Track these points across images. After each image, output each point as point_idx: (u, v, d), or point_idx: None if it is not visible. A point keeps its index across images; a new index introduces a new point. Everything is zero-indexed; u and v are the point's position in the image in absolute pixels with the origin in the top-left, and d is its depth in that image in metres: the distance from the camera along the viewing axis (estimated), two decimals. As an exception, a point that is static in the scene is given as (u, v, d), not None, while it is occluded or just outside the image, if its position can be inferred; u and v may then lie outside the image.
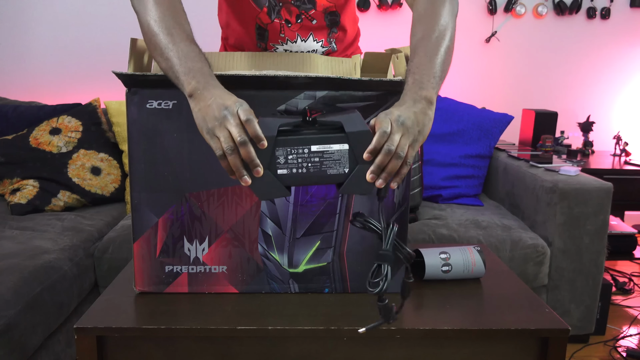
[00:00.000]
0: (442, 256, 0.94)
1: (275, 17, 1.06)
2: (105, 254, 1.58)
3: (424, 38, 0.81)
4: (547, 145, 2.27)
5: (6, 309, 1.16)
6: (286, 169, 0.70)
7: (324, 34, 1.11)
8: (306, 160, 0.70)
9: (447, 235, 1.65)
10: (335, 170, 0.71)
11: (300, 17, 1.06)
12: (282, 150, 0.69)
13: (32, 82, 2.50)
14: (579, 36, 2.66)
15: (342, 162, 0.70)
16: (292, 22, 1.07)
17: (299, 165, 0.70)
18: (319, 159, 0.70)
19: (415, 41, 0.82)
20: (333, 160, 0.70)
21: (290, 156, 0.69)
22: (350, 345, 0.80)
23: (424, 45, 0.80)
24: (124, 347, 0.79)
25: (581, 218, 1.63)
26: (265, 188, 0.70)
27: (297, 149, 0.69)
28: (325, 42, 1.12)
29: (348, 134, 0.70)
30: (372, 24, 2.57)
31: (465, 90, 2.66)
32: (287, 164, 0.69)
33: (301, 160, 0.70)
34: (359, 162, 0.70)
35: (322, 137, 0.70)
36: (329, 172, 0.71)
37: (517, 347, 0.81)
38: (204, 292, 0.88)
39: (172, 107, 0.82)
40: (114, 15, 2.46)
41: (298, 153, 0.69)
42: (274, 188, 0.70)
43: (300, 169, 0.70)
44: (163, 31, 0.77)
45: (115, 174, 1.99)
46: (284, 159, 0.69)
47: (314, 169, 0.70)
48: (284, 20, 1.07)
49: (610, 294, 1.80)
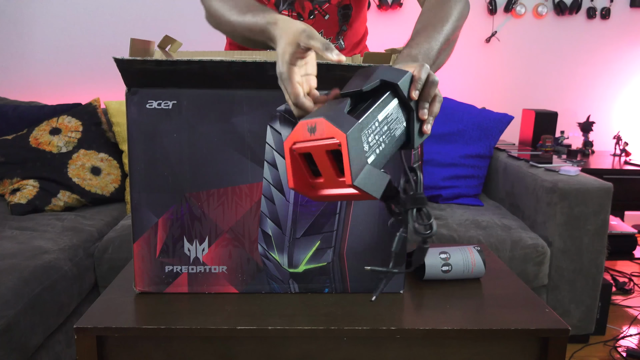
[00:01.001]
0: (442, 256, 0.94)
1: (284, 9, 1.06)
2: (105, 254, 1.58)
3: (426, 26, 0.82)
4: (547, 145, 2.27)
5: (6, 309, 1.16)
6: (373, 154, 0.60)
7: (334, 31, 1.12)
8: (380, 134, 0.62)
9: (447, 235, 1.65)
10: (400, 129, 0.64)
11: (313, 14, 1.06)
12: (364, 137, 0.59)
13: (32, 82, 2.50)
14: (579, 36, 2.66)
15: (399, 118, 0.64)
16: (304, 17, 1.07)
17: (378, 143, 0.61)
18: (387, 127, 0.63)
19: (417, 29, 0.83)
20: (395, 120, 0.64)
21: (369, 138, 0.60)
22: (350, 345, 0.80)
23: (424, 31, 0.81)
24: (124, 347, 0.79)
25: (581, 218, 1.63)
26: (373, 182, 0.59)
27: (370, 128, 0.60)
28: (333, 40, 1.13)
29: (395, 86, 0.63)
30: (372, 24, 2.55)
31: (465, 90, 2.66)
32: (371, 148, 0.60)
33: (377, 136, 0.61)
34: (409, 110, 0.64)
35: (380, 103, 0.63)
36: (397, 135, 0.64)
37: (517, 347, 0.81)
38: (204, 292, 0.88)
39: (172, 107, 0.82)
40: (114, 15, 2.47)
41: (373, 131, 0.61)
42: (378, 178, 0.60)
43: (380, 146, 0.61)
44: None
45: (115, 174, 1.99)
46: (367, 145, 0.60)
47: (388, 139, 0.63)
48: (296, 14, 1.07)
49: (610, 294, 1.80)
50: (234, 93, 0.82)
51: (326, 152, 0.58)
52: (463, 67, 2.64)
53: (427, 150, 2.06)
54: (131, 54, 0.85)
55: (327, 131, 0.58)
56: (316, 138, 0.59)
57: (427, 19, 0.84)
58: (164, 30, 2.37)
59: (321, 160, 0.59)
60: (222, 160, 0.83)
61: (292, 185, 0.61)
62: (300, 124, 0.60)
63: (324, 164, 0.60)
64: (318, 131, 0.59)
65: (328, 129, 0.57)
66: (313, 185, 0.62)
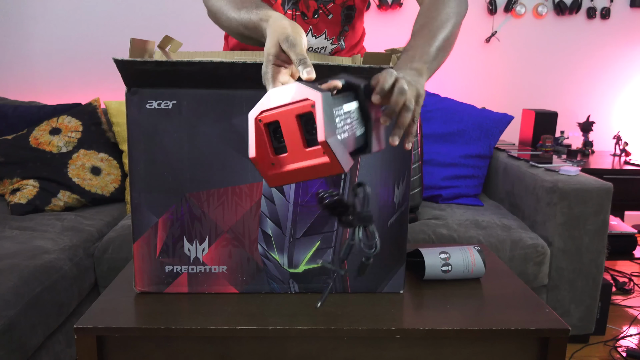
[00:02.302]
0: (442, 256, 0.94)
1: (289, 9, 1.07)
2: (105, 254, 1.58)
3: (424, 26, 0.82)
4: (547, 145, 2.27)
5: (6, 309, 1.16)
6: (340, 133, 0.58)
7: (336, 31, 1.12)
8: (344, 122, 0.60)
9: (447, 235, 1.65)
10: (360, 131, 0.63)
11: (318, 13, 1.07)
12: (334, 111, 0.58)
13: (32, 82, 2.50)
14: (579, 36, 2.66)
15: (360, 120, 0.63)
16: (308, 16, 1.08)
17: (343, 129, 0.59)
18: (349, 119, 0.61)
19: (415, 29, 0.83)
20: (356, 119, 0.63)
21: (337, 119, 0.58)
22: (350, 345, 0.80)
23: (422, 31, 0.81)
24: (124, 347, 0.79)
25: (581, 218, 1.63)
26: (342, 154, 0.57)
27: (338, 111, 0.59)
28: (335, 40, 1.13)
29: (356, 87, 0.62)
30: (372, 24, 2.57)
31: (465, 90, 2.66)
32: (338, 128, 0.58)
33: (343, 122, 0.60)
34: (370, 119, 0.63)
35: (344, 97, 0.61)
36: (357, 133, 0.62)
37: (517, 347, 0.81)
38: (204, 292, 0.88)
39: (172, 107, 0.82)
40: (114, 15, 2.47)
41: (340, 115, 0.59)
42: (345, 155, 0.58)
43: (345, 133, 0.59)
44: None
45: (115, 174, 1.99)
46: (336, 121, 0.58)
47: (350, 131, 0.61)
48: (300, 13, 1.07)
49: (610, 294, 1.80)
50: (234, 93, 0.82)
51: (296, 117, 0.56)
52: (463, 67, 2.64)
53: (427, 150, 2.06)
54: (131, 54, 0.85)
55: (300, 93, 0.56)
56: (287, 103, 0.57)
57: (425, 19, 0.84)
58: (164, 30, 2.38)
59: (289, 128, 0.57)
60: (222, 160, 0.83)
61: (254, 154, 0.58)
62: (270, 92, 0.58)
63: (291, 132, 0.57)
64: (289, 95, 0.57)
65: (301, 91, 0.56)
66: (274, 162, 0.59)
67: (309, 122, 0.56)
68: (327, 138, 0.54)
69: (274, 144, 0.59)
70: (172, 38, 0.95)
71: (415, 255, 0.98)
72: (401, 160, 0.86)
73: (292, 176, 0.59)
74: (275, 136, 0.58)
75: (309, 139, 0.57)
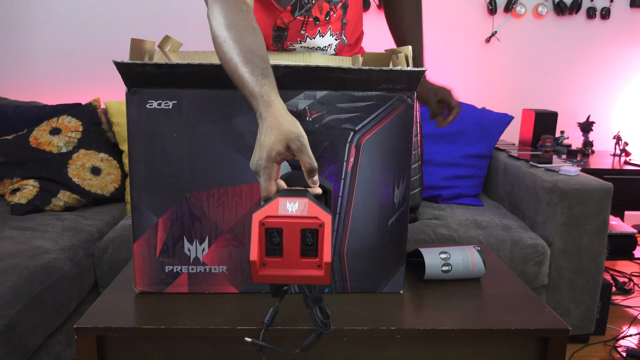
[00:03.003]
0: (442, 256, 0.94)
1: (300, 15, 1.07)
2: (105, 254, 1.58)
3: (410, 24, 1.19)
4: (547, 145, 2.27)
5: (6, 309, 1.16)
6: None
7: (338, 26, 1.13)
8: None
9: (447, 235, 1.65)
10: None
11: (329, 14, 1.07)
12: None
13: (32, 82, 2.50)
14: (579, 36, 2.66)
15: None
16: (320, 20, 1.08)
17: None
18: None
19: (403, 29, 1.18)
20: None
21: None
22: (350, 345, 0.80)
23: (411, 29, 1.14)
24: (124, 347, 0.79)
25: (581, 218, 1.63)
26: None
27: None
28: (338, 35, 1.14)
29: (328, 191, 0.70)
30: (372, 24, 2.56)
31: (465, 90, 2.66)
32: None
33: None
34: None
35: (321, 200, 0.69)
36: None
37: (517, 347, 0.81)
38: (204, 292, 0.88)
39: (172, 107, 0.82)
40: (114, 15, 2.47)
41: None
42: None
43: None
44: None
45: (115, 174, 1.99)
46: None
47: None
48: (313, 18, 1.08)
49: (610, 294, 1.80)
50: (234, 93, 0.81)
51: (301, 231, 0.62)
52: (463, 67, 2.64)
53: (427, 150, 2.06)
54: (131, 54, 0.85)
55: (311, 211, 0.62)
56: (295, 215, 0.62)
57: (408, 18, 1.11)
58: (164, 30, 2.38)
59: (291, 238, 0.62)
60: (222, 160, 0.83)
61: (256, 258, 0.62)
62: (278, 200, 0.62)
63: (292, 241, 0.62)
64: (299, 209, 0.62)
65: (312, 209, 0.62)
66: (265, 263, 0.63)
67: (309, 235, 0.63)
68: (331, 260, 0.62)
69: (267, 244, 0.63)
70: (172, 38, 0.95)
71: (415, 255, 0.98)
72: (401, 160, 0.86)
73: (280, 279, 0.64)
74: (269, 238, 0.63)
75: (304, 249, 0.63)
